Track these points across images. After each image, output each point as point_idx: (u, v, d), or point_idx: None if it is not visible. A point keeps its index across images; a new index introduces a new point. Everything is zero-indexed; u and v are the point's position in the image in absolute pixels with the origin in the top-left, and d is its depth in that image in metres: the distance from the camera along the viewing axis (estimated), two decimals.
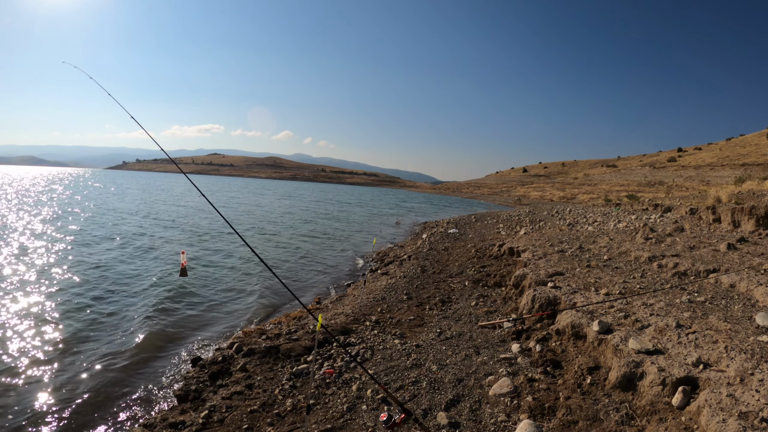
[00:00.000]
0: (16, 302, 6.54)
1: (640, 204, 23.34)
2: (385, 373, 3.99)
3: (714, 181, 41.71)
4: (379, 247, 14.24)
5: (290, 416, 3.41)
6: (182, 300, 7.23)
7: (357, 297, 7.07)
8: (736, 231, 9.20)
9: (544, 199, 44.17)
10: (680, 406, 2.76)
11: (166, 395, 4.15)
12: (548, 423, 2.96)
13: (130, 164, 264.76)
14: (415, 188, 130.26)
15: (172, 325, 6.08)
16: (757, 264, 5.93)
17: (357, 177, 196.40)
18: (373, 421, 3.21)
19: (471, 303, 6.10)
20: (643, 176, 61.29)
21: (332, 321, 5.65)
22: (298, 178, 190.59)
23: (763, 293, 4.53)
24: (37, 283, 7.66)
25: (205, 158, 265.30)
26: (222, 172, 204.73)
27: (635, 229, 10.86)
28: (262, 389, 3.90)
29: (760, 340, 3.34)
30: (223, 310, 6.93)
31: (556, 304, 4.80)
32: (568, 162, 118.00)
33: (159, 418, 3.62)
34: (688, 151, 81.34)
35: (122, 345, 5.30)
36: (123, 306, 6.75)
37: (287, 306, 7.29)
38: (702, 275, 5.71)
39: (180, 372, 4.63)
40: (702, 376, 2.90)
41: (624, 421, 2.85)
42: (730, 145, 72.78)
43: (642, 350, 3.32)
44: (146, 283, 8.15)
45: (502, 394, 3.34)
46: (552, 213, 24.55)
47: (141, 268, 9.31)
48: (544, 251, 8.34)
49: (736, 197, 11.69)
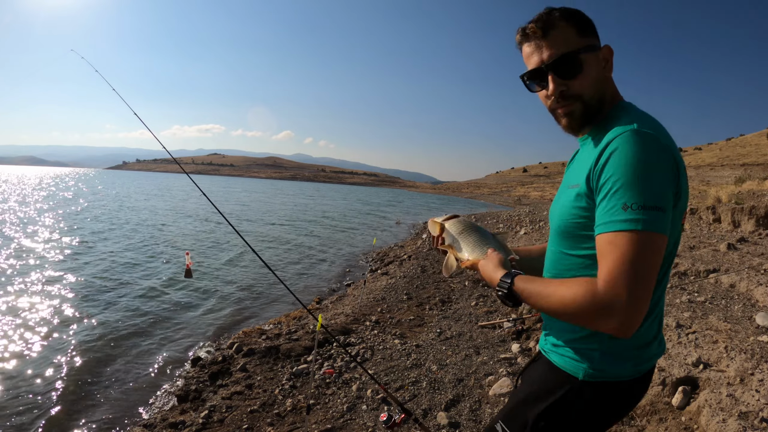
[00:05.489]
0: (14, 299, 6.54)
1: None
2: (385, 373, 3.99)
3: (714, 181, 41.72)
4: (379, 247, 14.24)
5: (290, 416, 3.41)
6: (182, 300, 7.23)
7: (357, 297, 7.07)
8: (736, 231, 9.20)
9: (545, 199, 44.15)
10: (680, 406, 2.76)
11: (166, 395, 4.15)
12: None
13: (131, 164, 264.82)
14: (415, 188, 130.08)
15: (172, 325, 6.08)
16: (757, 264, 5.94)
17: (357, 177, 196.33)
18: (373, 421, 3.21)
19: (471, 303, 6.10)
20: None
21: (332, 321, 5.66)
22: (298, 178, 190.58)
23: (763, 293, 4.53)
24: (37, 282, 7.66)
25: (205, 158, 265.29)
26: (222, 172, 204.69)
27: None
28: (262, 389, 3.90)
29: (760, 340, 3.35)
30: (224, 310, 6.93)
31: None
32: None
33: (159, 418, 3.62)
34: (688, 151, 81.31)
35: (122, 345, 5.30)
36: (123, 306, 6.75)
37: (287, 306, 7.29)
38: (702, 275, 5.72)
39: (180, 372, 4.63)
40: (702, 376, 2.90)
41: (624, 421, 2.85)
42: (730, 145, 72.76)
43: None
44: (147, 283, 8.15)
45: (503, 394, 3.34)
46: None
47: (144, 268, 9.31)
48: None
49: (736, 197, 11.68)
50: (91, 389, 4.24)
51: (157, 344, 5.40)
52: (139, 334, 5.63)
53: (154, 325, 6.01)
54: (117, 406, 3.98)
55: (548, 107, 1.12)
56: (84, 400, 4.05)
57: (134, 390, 4.28)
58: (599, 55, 1.08)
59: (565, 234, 1.10)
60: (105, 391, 4.23)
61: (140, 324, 6.00)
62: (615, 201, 0.90)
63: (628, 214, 0.88)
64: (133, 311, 6.54)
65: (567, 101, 1.07)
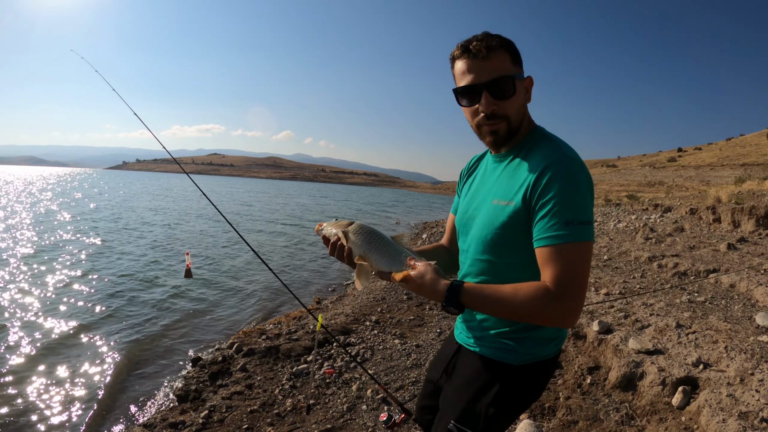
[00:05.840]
0: (13, 298, 6.54)
1: (640, 204, 23.33)
2: (385, 373, 3.99)
3: (714, 181, 41.71)
4: None
5: (290, 416, 3.41)
6: (182, 300, 7.23)
7: (357, 297, 7.07)
8: (736, 231, 9.20)
9: None
10: (680, 406, 2.76)
11: (166, 395, 4.15)
12: (548, 423, 2.96)
13: (130, 164, 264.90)
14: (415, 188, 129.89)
15: (172, 325, 6.07)
16: (757, 264, 5.94)
17: (357, 177, 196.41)
18: (373, 421, 3.21)
19: None
20: (643, 176, 61.26)
21: (332, 321, 5.66)
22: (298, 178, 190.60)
23: (763, 293, 4.53)
24: (37, 282, 7.65)
25: (205, 158, 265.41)
26: (222, 172, 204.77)
27: (635, 229, 10.86)
28: (262, 389, 3.90)
29: (760, 340, 3.35)
30: (224, 310, 6.93)
31: None
32: None
33: (159, 418, 3.62)
34: (688, 151, 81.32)
35: (122, 345, 5.29)
36: (124, 306, 6.75)
37: (287, 306, 7.29)
38: (702, 275, 5.72)
39: (180, 372, 4.63)
40: (702, 376, 2.90)
41: (624, 421, 2.85)
42: (730, 145, 72.79)
43: (642, 350, 3.32)
44: (148, 283, 8.15)
45: None
46: None
47: (144, 269, 9.31)
48: None
49: (736, 197, 11.68)
50: (90, 389, 4.24)
51: (157, 344, 5.40)
52: (139, 334, 5.63)
53: (154, 325, 6.01)
54: (116, 406, 3.98)
55: (474, 122, 1.23)
56: (83, 400, 4.05)
57: (134, 390, 4.27)
58: (524, 83, 1.22)
59: (496, 244, 1.21)
60: (104, 390, 4.23)
61: (140, 324, 6.00)
62: (558, 218, 1.07)
63: (570, 229, 1.06)
64: (133, 311, 6.53)
65: (495, 120, 1.19)
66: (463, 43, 1.18)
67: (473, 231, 1.28)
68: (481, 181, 1.34)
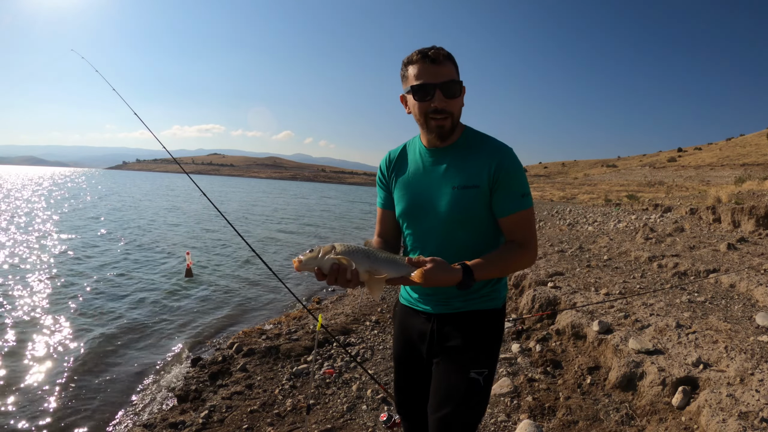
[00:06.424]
0: (11, 297, 6.54)
1: (640, 204, 23.34)
2: (385, 373, 3.99)
3: (714, 181, 41.70)
4: None
5: (290, 416, 3.41)
6: (183, 300, 7.23)
7: (357, 297, 7.07)
8: (736, 231, 9.20)
9: (544, 199, 44.21)
10: (680, 406, 2.76)
11: (166, 395, 4.15)
12: (548, 423, 2.96)
13: (131, 164, 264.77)
14: None
15: (172, 325, 6.07)
16: (757, 264, 5.94)
17: (357, 177, 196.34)
18: (373, 421, 3.21)
19: None
20: (643, 176, 61.25)
21: (332, 321, 5.66)
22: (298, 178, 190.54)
23: (763, 293, 4.53)
24: (36, 281, 7.66)
25: (205, 158, 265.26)
26: (222, 172, 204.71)
27: (635, 229, 10.87)
28: (262, 389, 3.90)
29: (760, 340, 3.35)
30: (224, 309, 6.93)
31: (556, 304, 4.80)
32: (568, 162, 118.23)
33: (159, 418, 3.62)
34: (688, 151, 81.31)
35: (122, 345, 5.29)
36: (124, 306, 6.75)
37: (287, 306, 7.30)
38: (702, 275, 5.72)
39: (180, 372, 4.63)
40: (702, 376, 2.90)
41: (624, 421, 2.85)
42: (730, 145, 72.78)
43: (642, 350, 3.32)
44: (148, 283, 8.15)
45: (502, 394, 3.34)
46: (552, 213, 24.57)
47: (144, 268, 9.31)
48: (544, 251, 8.35)
49: (736, 197, 11.68)
50: (90, 389, 4.24)
51: (157, 344, 5.40)
52: (139, 334, 5.63)
53: (154, 324, 6.01)
54: (117, 405, 3.98)
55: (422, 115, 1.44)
56: (84, 399, 4.05)
57: (134, 390, 4.27)
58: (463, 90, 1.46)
59: (465, 220, 1.47)
60: (105, 390, 4.23)
61: (140, 324, 6.00)
62: (515, 193, 1.43)
63: (525, 200, 1.44)
64: (134, 311, 6.54)
65: (443, 115, 1.42)
66: (421, 50, 1.41)
67: (437, 214, 1.48)
68: (423, 173, 1.53)
